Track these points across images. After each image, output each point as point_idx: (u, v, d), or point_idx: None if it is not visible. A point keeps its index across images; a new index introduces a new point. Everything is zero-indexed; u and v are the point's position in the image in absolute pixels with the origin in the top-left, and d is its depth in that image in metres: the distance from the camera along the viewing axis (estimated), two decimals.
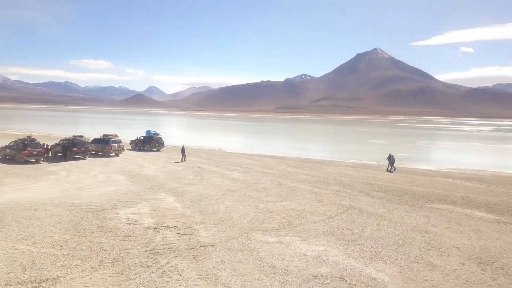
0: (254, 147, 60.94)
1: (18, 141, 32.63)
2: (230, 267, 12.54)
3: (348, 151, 61.68)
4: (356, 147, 71.07)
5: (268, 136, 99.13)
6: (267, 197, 22.05)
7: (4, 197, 19.47)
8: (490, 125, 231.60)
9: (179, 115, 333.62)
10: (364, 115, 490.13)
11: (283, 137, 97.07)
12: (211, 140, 73.78)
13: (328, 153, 56.35)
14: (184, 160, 36.06)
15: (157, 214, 18.29)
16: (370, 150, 64.56)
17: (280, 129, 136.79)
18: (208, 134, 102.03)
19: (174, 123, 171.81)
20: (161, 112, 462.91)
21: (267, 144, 69.99)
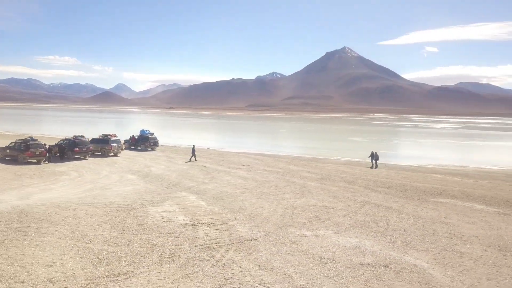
0: (241, 146, 61.82)
1: (20, 142, 32.29)
2: (282, 258, 13.56)
3: (332, 149, 63.53)
4: (338, 144, 73.15)
5: (251, 135, 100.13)
6: (284, 194, 23.14)
7: (36, 197, 19.65)
8: (456, 122, 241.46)
9: (151, 113, 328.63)
10: (334, 113, 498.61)
11: (266, 135, 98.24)
12: (194, 138, 74.00)
13: (315, 150, 57.88)
14: (195, 160, 36.64)
15: (187, 211, 19.03)
16: (352, 147, 66.78)
17: (259, 128, 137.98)
18: (189, 132, 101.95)
19: (147, 121, 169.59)
20: (132, 110, 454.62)
21: (253, 143, 70.96)
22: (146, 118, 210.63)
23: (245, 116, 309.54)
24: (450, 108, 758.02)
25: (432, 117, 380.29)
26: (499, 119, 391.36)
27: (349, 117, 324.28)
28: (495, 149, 75.16)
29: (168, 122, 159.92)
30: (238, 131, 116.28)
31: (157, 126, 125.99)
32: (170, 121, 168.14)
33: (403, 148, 70.81)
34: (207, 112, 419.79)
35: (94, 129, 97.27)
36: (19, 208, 16.64)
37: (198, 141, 67.50)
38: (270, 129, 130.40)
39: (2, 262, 11.36)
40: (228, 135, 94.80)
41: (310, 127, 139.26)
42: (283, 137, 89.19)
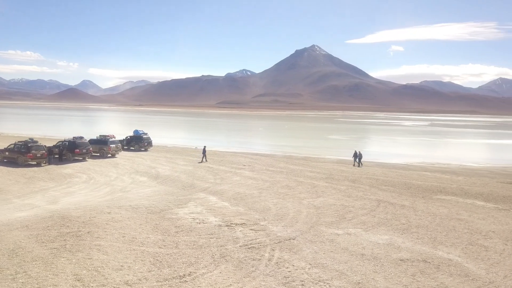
0: (228, 145, 62.28)
1: (20, 144, 31.62)
2: (327, 256, 14.43)
3: (316, 147, 65.04)
4: (320, 143, 74.85)
5: (233, 133, 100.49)
6: (300, 194, 24.02)
7: (64, 201, 19.61)
8: (423, 120, 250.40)
9: (120, 111, 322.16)
10: (304, 111, 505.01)
11: (247, 133, 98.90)
12: (177, 137, 73.78)
13: (302, 149, 59.14)
14: (205, 160, 36.99)
15: (215, 213, 19.57)
16: (334, 145, 68.60)
17: (238, 126, 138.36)
18: (169, 131, 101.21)
19: (120, 120, 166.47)
20: (102, 108, 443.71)
21: (239, 141, 71.45)
22: (117, 116, 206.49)
23: (218, 113, 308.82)
24: (415, 106, 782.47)
25: (399, 115, 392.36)
26: (462, 116, 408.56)
27: (321, 115, 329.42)
28: (466, 146, 78.98)
29: (143, 121, 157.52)
30: (218, 129, 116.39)
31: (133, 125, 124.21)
32: (144, 120, 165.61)
33: (383, 146, 73.21)
34: (179, 110, 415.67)
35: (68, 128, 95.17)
36: (57, 213, 16.69)
37: (182, 140, 67.51)
38: (249, 127, 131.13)
39: (75, 266, 11.63)
40: (210, 134, 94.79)
41: (288, 125, 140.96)
42: (265, 136, 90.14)
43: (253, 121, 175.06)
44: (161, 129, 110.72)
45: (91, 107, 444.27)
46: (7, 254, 11.93)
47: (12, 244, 12.83)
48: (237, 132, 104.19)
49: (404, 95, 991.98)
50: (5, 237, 13.50)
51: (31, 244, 12.93)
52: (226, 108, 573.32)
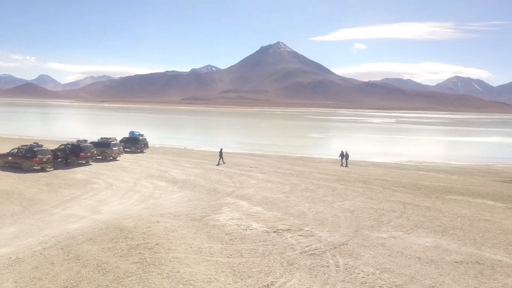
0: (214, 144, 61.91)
1: (24, 148, 30.37)
2: (388, 261, 15.07)
3: (301, 146, 66.10)
4: (302, 141, 76.08)
5: (212, 132, 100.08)
6: (325, 197, 24.62)
7: (106, 210, 19.14)
8: (390, 117, 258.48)
9: (84, 107, 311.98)
10: (271, 107, 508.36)
11: (227, 132, 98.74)
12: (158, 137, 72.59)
13: (288, 148, 59.89)
14: (223, 162, 37.04)
15: (254, 218, 19.81)
16: (317, 144, 70.15)
17: (214, 124, 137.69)
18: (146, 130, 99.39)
19: (87, 117, 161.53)
20: (62, 103, 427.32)
21: (224, 140, 71.19)
22: (83, 113, 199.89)
23: (187, 110, 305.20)
24: (377, 103, 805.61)
25: (363, 111, 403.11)
26: (423, 113, 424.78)
27: (288, 112, 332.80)
28: (440, 144, 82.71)
29: (113, 118, 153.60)
30: (196, 127, 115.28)
31: (104, 123, 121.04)
32: (114, 117, 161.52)
33: (363, 144, 74.99)
34: (145, 106, 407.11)
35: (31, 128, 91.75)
36: (111, 224, 16.41)
37: (165, 140, 66.68)
38: (225, 125, 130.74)
39: (170, 281, 11.64)
40: (190, 132, 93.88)
41: (263, 123, 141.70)
42: (246, 134, 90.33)
43: (226, 119, 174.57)
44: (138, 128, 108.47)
45: (52, 103, 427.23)
46: (97, 270, 11.75)
47: (93, 259, 12.61)
48: (217, 131, 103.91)
49: (366, 92, 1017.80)
50: (79, 251, 13.23)
51: (111, 259, 12.75)
52: (192, 104, 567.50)
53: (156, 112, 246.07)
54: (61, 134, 70.58)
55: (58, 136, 64.67)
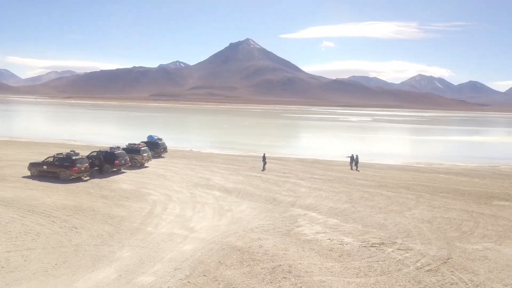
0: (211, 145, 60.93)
1: (61, 156, 28.78)
2: (507, 276, 15.28)
3: (300, 146, 66.35)
4: (298, 142, 76.53)
5: (200, 131, 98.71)
6: (389, 206, 24.64)
7: (200, 228, 18.25)
8: (365, 115, 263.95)
9: (51, 104, 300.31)
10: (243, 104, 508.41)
11: (217, 131, 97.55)
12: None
13: (291, 149, 59.90)
14: (263, 169, 36.61)
15: (339, 231, 19.59)
16: (316, 145, 70.49)
17: (200, 122, 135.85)
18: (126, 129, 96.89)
19: (53, 115, 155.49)
20: (25, 100, 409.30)
21: (218, 141, 69.92)
22: (49, 110, 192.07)
23: (159, 107, 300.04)
24: (345, 100, 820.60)
25: (335, 109, 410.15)
26: (391, 110, 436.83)
27: (264, 109, 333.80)
28: (428, 143, 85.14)
29: (85, 116, 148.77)
30: (178, 126, 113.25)
31: (79, 121, 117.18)
32: (87, 115, 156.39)
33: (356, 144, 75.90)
34: (114, 103, 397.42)
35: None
36: (224, 244, 15.84)
37: None
38: (210, 123, 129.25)
39: None
40: (175, 132, 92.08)
41: (247, 122, 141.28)
42: (238, 134, 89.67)
43: (205, 116, 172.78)
44: (121, 127, 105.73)
45: (14, 99, 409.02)
46: None
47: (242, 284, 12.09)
48: (204, 130, 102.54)
49: (334, 89, 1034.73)
50: (223, 277, 12.65)
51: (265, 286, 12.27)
52: (162, 100, 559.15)
53: (128, 109, 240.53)
54: (43, 135, 67.68)
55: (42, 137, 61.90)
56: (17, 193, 23.15)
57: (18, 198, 22.12)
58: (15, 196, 22.39)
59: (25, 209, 19.83)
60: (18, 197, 22.25)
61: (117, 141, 57.90)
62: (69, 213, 19.56)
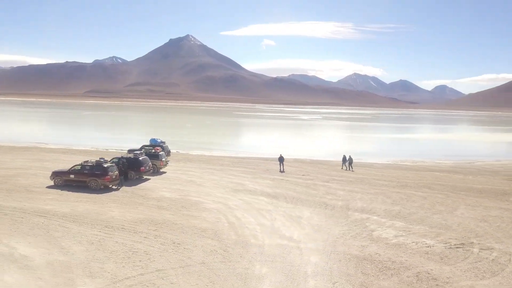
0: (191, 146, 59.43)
1: (90, 164, 26.75)
2: None
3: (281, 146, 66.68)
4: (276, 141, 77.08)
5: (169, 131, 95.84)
6: (435, 207, 25.63)
7: (298, 239, 18.06)
8: (315, 113, 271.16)
9: None
10: (186, 101, 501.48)
11: (186, 131, 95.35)
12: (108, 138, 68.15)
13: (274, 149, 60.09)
14: (282, 170, 36.52)
15: (414, 233, 20.18)
16: (290, 144, 71.66)
17: (152, 120, 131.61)
18: (74, 129, 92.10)
19: None
20: None
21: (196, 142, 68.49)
22: None
23: (100, 104, 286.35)
24: (285, 98, 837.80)
25: (279, 107, 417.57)
26: (333, 108, 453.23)
27: (211, 107, 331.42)
28: (390, 141, 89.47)
29: (28, 116, 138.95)
30: (146, 126, 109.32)
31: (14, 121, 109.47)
32: (28, 114, 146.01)
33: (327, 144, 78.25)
34: (47, 100, 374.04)
35: None
36: (351, 255, 15.90)
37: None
38: (171, 122, 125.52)
39: None
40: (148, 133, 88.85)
41: (207, 120, 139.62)
42: (207, 134, 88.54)
43: (158, 115, 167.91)
44: (80, 128, 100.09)
45: None
46: None
47: None
48: (170, 130, 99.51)
49: (275, 87, 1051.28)
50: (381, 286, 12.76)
51: None
52: (99, 97, 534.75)
53: (69, 107, 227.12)
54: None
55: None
56: (72, 207, 21.29)
57: (78, 212, 20.36)
58: (72, 211, 20.53)
59: (101, 225, 18.32)
60: (77, 212, 20.47)
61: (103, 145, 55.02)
62: (152, 228, 18.38)
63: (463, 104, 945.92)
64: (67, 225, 18.14)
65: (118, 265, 14.09)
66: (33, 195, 23.80)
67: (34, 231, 17.20)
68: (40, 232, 17.07)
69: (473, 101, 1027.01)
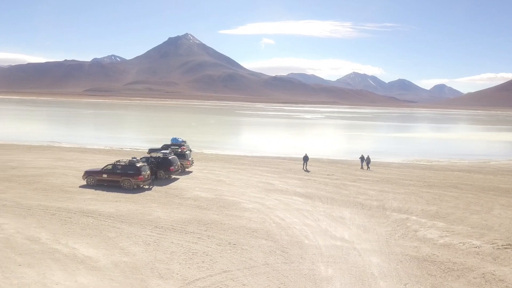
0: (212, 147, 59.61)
1: (122, 164, 26.63)
2: None
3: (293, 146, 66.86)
4: (287, 141, 77.12)
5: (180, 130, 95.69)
6: (470, 207, 25.68)
7: (369, 238, 18.01)
8: (313, 112, 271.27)
9: None
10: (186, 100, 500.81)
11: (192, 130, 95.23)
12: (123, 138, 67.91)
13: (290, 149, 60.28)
14: (305, 169, 36.85)
15: (457, 234, 20.17)
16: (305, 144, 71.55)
17: (158, 120, 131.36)
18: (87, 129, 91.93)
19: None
20: None
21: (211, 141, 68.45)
22: None
23: (102, 103, 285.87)
24: (284, 97, 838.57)
25: (279, 106, 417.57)
26: (333, 107, 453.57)
27: (212, 105, 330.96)
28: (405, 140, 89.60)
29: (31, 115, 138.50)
30: (151, 126, 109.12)
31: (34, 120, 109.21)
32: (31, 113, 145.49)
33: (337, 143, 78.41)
34: (48, 98, 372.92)
35: None
36: (408, 256, 15.87)
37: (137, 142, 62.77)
38: (176, 121, 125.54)
39: None
40: (155, 132, 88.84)
41: (211, 119, 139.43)
42: (218, 133, 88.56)
43: (160, 114, 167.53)
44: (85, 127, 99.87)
45: None
46: None
47: None
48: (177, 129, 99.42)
49: (274, 86, 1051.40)
50: None
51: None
52: (98, 96, 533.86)
53: (69, 105, 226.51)
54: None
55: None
56: (116, 207, 21.21)
57: (124, 213, 20.28)
58: (117, 211, 20.47)
59: (151, 226, 18.24)
60: (122, 212, 20.40)
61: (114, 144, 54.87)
62: (202, 228, 18.31)
63: (462, 103, 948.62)
64: (118, 226, 18.07)
65: (183, 266, 14.03)
66: (71, 195, 23.70)
67: (87, 232, 17.12)
68: (94, 233, 16.99)
69: (472, 100, 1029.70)
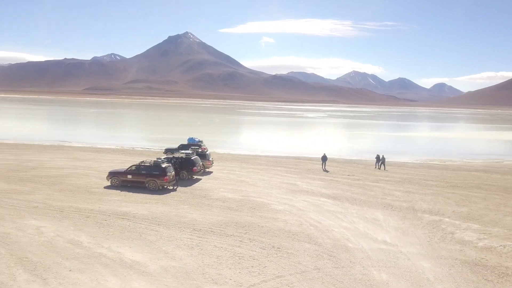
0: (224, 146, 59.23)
1: (147, 164, 26.27)
2: None
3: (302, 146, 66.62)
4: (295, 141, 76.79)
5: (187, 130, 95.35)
6: (500, 208, 25.44)
7: (411, 241, 17.68)
8: (315, 110, 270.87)
9: None
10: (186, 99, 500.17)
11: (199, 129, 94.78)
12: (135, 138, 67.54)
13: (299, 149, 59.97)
14: (324, 169, 36.91)
15: (495, 236, 19.91)
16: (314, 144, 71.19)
17: (163, 119, 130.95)
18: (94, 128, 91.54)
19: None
20: None
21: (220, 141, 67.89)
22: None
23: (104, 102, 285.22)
24: (284, 95, 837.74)
25: (279, 105, 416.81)
26: (333, 106, 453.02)
27: (213, 104, 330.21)
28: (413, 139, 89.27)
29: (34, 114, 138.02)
30: (156, 125, 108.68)
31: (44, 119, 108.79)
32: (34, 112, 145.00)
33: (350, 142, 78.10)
34: (49, 97, 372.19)
35: None
36: (458, 260, 15.57)
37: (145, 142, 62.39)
38: (181, 120, 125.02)
39: None
40: (161, 131, 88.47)
41: (217, 118, 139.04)
42: (226, 132, 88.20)
43: (163, 112, 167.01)
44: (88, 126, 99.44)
45: None
46: None
47: None
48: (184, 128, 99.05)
49: (274, 85, 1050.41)
50: None
51: None
52: (98, 94, 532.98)
53: (71, 104, 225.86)
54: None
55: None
56: (148, 209, 20.88)
57: (157, 215, 19.96)
58: (151, 213, 20.13)
59: (189, 228, 17.89)
60: (156, 214, 20.08)
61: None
62: (241, 231, 17.97)
63: (462, 102, 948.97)
64: (155, 228, 17.73)
65: (233, 271, 13.70)
66: (99, 196, 23.37)
67: (126, 235, 16.77)
68: (134, 236, 16.66)
69: (472, 99, 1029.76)
